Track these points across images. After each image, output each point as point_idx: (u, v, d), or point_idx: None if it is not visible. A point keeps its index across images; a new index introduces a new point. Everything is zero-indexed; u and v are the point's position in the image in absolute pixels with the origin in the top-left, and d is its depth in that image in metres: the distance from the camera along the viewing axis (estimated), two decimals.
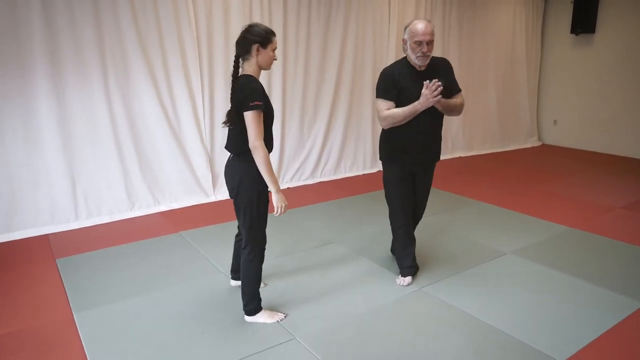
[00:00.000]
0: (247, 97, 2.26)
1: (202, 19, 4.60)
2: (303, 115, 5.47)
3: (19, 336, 2.52)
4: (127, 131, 4.35)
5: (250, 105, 2.24)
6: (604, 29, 7.00)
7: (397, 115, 2.72)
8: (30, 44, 3.79)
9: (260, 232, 2.50)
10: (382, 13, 5.87)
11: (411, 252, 3.06)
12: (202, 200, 4.80)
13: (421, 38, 2.61)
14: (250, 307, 2.60)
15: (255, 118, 2.26)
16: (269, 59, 2.38)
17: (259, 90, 2.29)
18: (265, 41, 2.34)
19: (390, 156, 2.92)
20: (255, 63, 2.37)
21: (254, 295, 2.58)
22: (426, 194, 3.07)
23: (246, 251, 2.50)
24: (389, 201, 3.02)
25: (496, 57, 7.21)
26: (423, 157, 2.89)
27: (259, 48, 2.33)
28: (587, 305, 2.80)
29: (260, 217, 2.47)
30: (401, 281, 3.05)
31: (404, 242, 3.05)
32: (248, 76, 2.36)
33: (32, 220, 3.99)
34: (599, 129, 7.25)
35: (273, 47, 2.37)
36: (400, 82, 2.73)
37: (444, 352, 2.36)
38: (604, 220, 4.23)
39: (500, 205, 4.65)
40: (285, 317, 2.64)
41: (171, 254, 3.54)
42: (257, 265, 2.53)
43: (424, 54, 2.65)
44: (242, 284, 2.56)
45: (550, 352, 2.35)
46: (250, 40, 2.33)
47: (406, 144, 2.83)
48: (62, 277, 3.18)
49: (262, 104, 2.27)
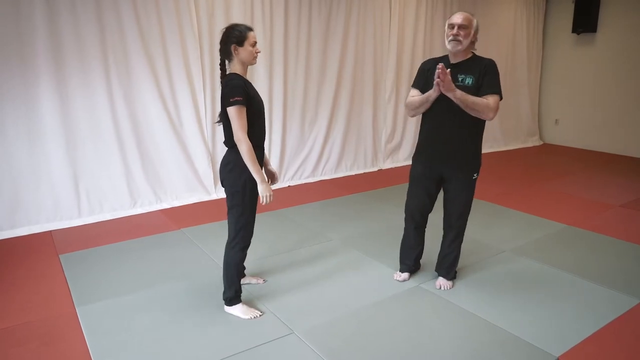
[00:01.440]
0: (227, 94, 2.37)
1: (204, 19, 4.63)
2: (304, 113, 5.50)
3: (24, 329, 2.56)
4: (129, 129, 4.39)
5: (230, 101, 2.35)
6: (605, 28, 7.00)
7: (413, 102, 2.78)
8: (33, 42, 3.83)
9: (247, 225, 2.56)
10: (383, 12, 5.89)
11: (414, 252, 3.07)
12: (204, 198, 4.84)
13: (453, 21, 2.62)
14: (226, 295, 2.66)
15: (237, 113, 2.35)
16: (250, 54, 2.45)
17: (239, 87, 2.37)
18: (240, 39, 2.42)
19: (415, 153, 2.94)
20: (238, 61, 2.46)
21: (230, 284, 2.63)
22: (455, 201, 2.84)
23: (229, 239, 2.57)
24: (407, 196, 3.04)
25: (497, 56, 7.20)
26: (443, 158, 2.77)
27: (236, 47, 2.42)
28: (585, 302, 2.82)
29: (248, 208, 2.53)
30: (397, 276, 3.10)
31: (407, 240, 3.09)
32: (231, 74, 2.46)
33: (35, 217, 4.03)
34: (600, 128, 7.26)
35: (251, 42, 2.44)
36: (430, 73, 2.73)
37: (442, 348, 2.39)
38: (603, 219, 4.25)
39: (500, 203, 4.67)
40: (261, 316, 2.66)
41: (172, 251, 3.57)
42: (237, 255, 2.59)
43: (455, 37, 2.60)
44: (223, 270, 2.63)
45: (547, 348, 2.37)
46: (228, 42, 2.43)
47: (424, 140, 2.85)
48: (65, 272, 3.22)
49: (242, 99, 2.35)
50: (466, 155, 2.77)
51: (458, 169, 2.78)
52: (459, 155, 2.75)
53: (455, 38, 2.60)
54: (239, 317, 2.64)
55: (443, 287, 2.98)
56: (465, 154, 2.76)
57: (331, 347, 2.38)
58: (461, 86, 2.62)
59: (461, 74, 2.65)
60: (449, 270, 3.00)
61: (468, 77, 2.65)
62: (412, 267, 3.12)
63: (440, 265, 3.04)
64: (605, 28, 7.00)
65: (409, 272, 3.11)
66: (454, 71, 2.66)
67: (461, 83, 2.64)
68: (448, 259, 2.99)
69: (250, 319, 2.63)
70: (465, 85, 2.63)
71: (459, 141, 2.73)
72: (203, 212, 4.48)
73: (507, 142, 7.63)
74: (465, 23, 2.59)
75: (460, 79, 2.65)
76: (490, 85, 2.63)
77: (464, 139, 2.73)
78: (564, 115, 7.77)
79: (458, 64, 2.69)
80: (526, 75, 7.69)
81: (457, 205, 2.85)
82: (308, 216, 4.32)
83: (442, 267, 3.02)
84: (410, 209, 3.01)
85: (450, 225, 2.93)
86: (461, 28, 2.59)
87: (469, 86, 2.63)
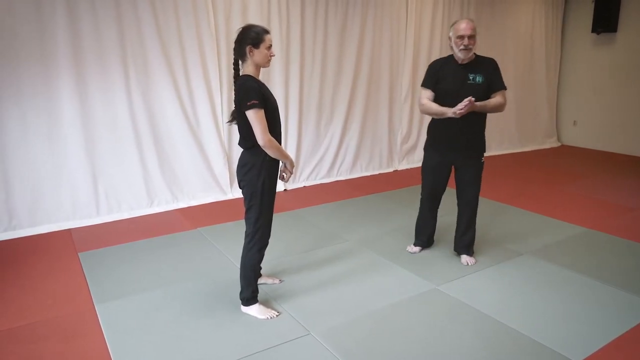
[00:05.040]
0: (244, 98, 2.37)
1: (221, 19, 4.66)
2: (320, 114, 5.50)
3: (43, 326, 2.60)
4: (147, 129, 4.44)
5: (248, 104, 2.35)
6: (626, 28, 6.88)
7: (430, 108, 3.09)
8: (54, 44, 3.89)
9: (265, 225, 2.57)
10: (400, 13, 5.86)
11: (428, 229, 3.46)
12: (220, 198, 4.87)
13: (462, 32, 2.94)
14: (243, 295, 2.67)
15: (257, 115, 2.36)
16: (265, 56, 2.46)
17: (254, 89, 2.37)
18: (257, 41, 2.42)
19: (427, 144, 3.30)
20: (252, 63, 2.46)
21: (247, 284, 2.64)
22: (471, 182, 3.21)
23: (247, 240, 2.58)
24: (422, 184, 3.39)
25: (515, 57, 7.15)
26: (458, 148, 3.12)
27: (251, 49, 2.42)
28: (606, 307, 2.77)
29: (266, 208, 2.54)
30: (410, 248, 3.52)
31: (422, 219, 3.47)
32: (245, 76, 2.45)
33: (55, 215, 4.09)
34: (619, 130, 7.13)
35: (266, 45, 2.44)
36: (441, 73, 3.09)
37: (458, 350, 2.37)
38: (624, 221, 4.17)
39: (518, 205, 4.61)
40: (277, 316, 2.66)
41: (189, 250, 3.60)
42: (255, 256, 2.60)
43: (466, 47, 2.95)
44: (240, 269, 2.64)
45: (566, 352, 2.33)
46: (243, 43, 2.43)
47: (441, 135, 3.17)
48: (84, 270, 3.27)
49: (258, 102, 2.35)
50: (477, 145, 3.15)
51: (470, 157, 3.16)
52: (471, 144, 3.13)
53: (467, 47, 2.96)
54: (256, 317, 2.65)
55: (469, 262, 3.29)
56: (476, 144, 3.15)
57: (347, 348, 2.38)
58: (473, 84, 3.00)
59: (471, 73, 3.02)
60: (469, 246, 3.34)
61: (478, 76, 3.01)
62: (426, 243, 3.52)
63: (460, 243, 3.36)
64: (626, 28, 6.87)
65: (421, 247, 3.51)
66: (465, 71, 3.03)
67: (472, 81, 3.01)
68: (468, 236, 3.32)
69: (266, 319, 2.63)
70: (476, 83, 3.01)
71: (471, 133, 3.09)
72: (219, 211, 4.50)
73: (524, 143, 7.54)
74: (473, 33, 2.96)
75: (472, 77, 3.02)
76: (498, 82, 3.06)
77: (474, 131, 3.11)
78: (582, 116, 7.65)
79: (467, 65, 3.05)
80: (544, 76, 7.59)
81: (474, 186, 3.22)
82: (324, 217, 4.32)
83: (463, 245, 3.34)
84: (427, 192, 3.36)
85: (468, 203, 3.26)
86: (471, 38, 2.95)
87: (480, 83, 3.01)
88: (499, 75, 3.07)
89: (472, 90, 2.96)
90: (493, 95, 3.04)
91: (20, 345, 2.43)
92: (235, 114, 2.53)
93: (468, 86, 2.99)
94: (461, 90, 2.97)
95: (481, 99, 2.97)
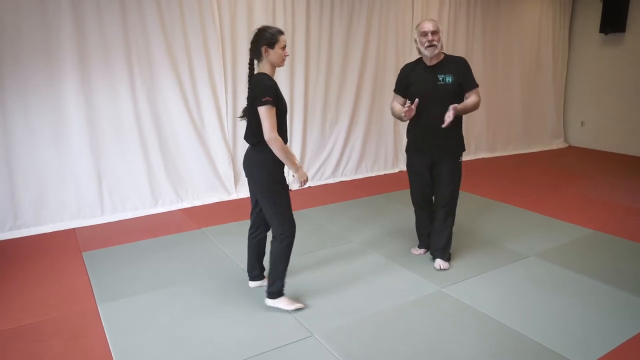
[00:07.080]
0: (259, 94, 2.42)
1: (226, 19, 4.66)
2: (325, 114, 5.49)
3: (46, 325, 2.60)
4: (151, 129, 4.44)
5: (262, 100, 2.41)
6: (634, 27, 6.81)
7: (393, 111, 3.24)
8: (59, 44, 3.91)
9: (285, 215, 2.59)
10: (405, 14, 5.84)
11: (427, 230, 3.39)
12: (224, 198, 4.86)
13: (425, 29, 2.97)
14: (274, 288, 2.68)
15: (268, 112, 2.41)
16: (279, 56, 2.53)
17: (271, 87, 2.44)
18: (272, 42, 2.49)
19: (407, 146, 3.30)
20: (267, 62, 2.53)
21: (277, 278, 2.66)
22: (446, 183, 3.16)
23: (275, 234, 2.62)
24: (411, 194, 3.38)
25: (521, 57, 7.10)
26: (433, 149, 3.11)
27: (267, 49, 2.49)
28: (612, 310, 2.73)
29: (281, 200, 2.57)
30: (415, 251, 3.49)
31: (419, 223, 3.44)
32: (261, 74, 2.52)
33: (59, 215, 4.11)
34: (627, 131, 7.06)
35: (281, 46, 2.52)
36: (411, 77, 3.13)
37: (462, 353, 2.34)
38: (632, 224, 4.13)
39: (524, 207, 4.57)
40: (304, 309, 2.69)
41: (193, 250, 3.60)
42: (286, 249, 2.63)
43: (430, 43, 2.96)
44: (270, 264, 2.65)
45: (571, 356, 2.30)
46: (259, 43, 2.50)
47: (417, 137, 3.18)
48: (87, 270, 3.27)
49: (273, 100, 2.42)
50: (453, 144, 3.13)
51: (447, 156, 3.13)
52: (446, 144, 3.11)
53: (431, 44, 2.97)
54: (284, 309, 2.68)
55: (442, 267, 3.21)
56: (452, 143, 3.13)
57: (350, 350, 2.36)
58: (443, 84, 3.01)
59: (440, 74, 3.03)
60: (444, 250, 3.25)
61: (447, 76, 3.01)
62: (428, 244, 3.42)
63: (433, 246, 3.28)
64: (635, 28, 6.80)
65: (426, 249, 3.45)
66: (434, 72, 3.04)
67: (442, 82, 3.02)
68: (442, 239, 3.23)
69: (294, 309, 2.67)
70: (447, 83, 3.01)
71: (446, 132, 3.03)
72: (223, 211, 4.50)
73: (530, 144, 7.48)
74: (436, 29, 2.98)
75: (441, 78, 3.02)
76: (470, 82, 3.04)
77: (449, 131, 3.02)
78: (590, 117, 7.59)
79: (436, 66, 3.06)
80: (551, 76, 7.53)
81: (450, 187, 3.17)
82: (328, 217, 4.30)
83: (437, 247, 3.26)
84: (415, 198, 3.35)
85: (443, 204, 3.19)
86: (434, 34, 2.96)
87: (450, 83, 3.01)
88: (470, 75, 3.05)
89: (443, 90, 3.00)
90: (468, 95, 3.04)
91: (23, 344, 2.43)
92: (247, 110, 2.58)
93: (439, 87, 3.02)
94: (432, 92, 3.02)
95: (452, 98, 2.99)
